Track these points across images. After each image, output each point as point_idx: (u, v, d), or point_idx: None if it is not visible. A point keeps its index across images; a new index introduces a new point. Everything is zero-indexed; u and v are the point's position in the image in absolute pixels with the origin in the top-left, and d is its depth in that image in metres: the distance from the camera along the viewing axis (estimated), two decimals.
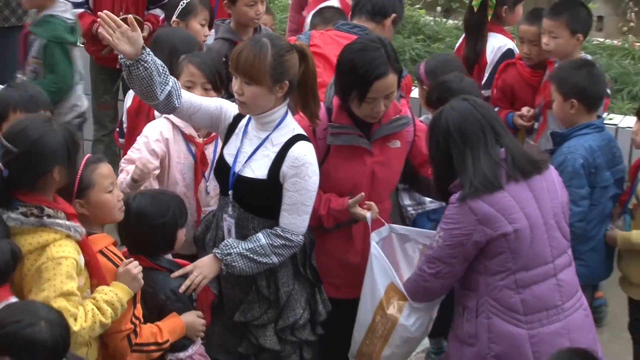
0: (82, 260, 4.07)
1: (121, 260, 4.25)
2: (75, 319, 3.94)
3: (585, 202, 5.54)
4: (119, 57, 4.51)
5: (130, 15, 4.87)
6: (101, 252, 4.19)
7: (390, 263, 4.60)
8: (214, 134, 4.96)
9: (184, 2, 6.46)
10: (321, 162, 4.67)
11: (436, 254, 4.32)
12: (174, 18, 6.61)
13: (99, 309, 4.00)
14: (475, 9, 6.87)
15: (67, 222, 4.03)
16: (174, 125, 4.88)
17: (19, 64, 8.03)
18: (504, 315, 4.28)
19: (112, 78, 7.91)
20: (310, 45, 5.52)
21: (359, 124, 4.58)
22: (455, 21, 9.97)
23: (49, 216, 4.01)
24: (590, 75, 5.67)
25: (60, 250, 3.98)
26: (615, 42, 9.67)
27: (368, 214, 4.60)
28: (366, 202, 4.56)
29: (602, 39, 9.81)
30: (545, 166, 4.44)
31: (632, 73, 8.68)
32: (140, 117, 5.86)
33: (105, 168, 4.24)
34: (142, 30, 5.14)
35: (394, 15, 6.04)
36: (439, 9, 10.69)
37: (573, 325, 4.39)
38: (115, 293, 4.09)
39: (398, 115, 4.67)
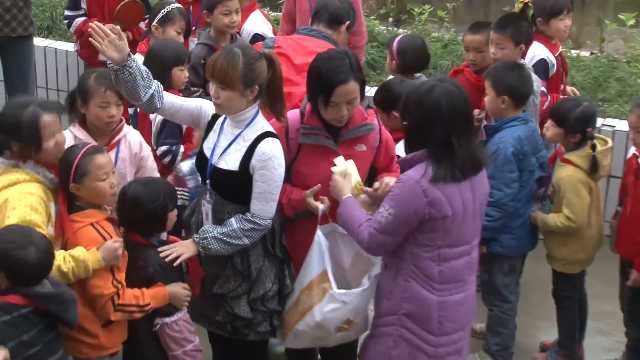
0: (52, 208, 4.53)
1: (110, 235, 4.59)
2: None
3: (515, 184, 6.01)
4: (107, 62, 4.83)
5: (117, 26, 5.26)
6: (92, 225, 4.57)
7: (330, 255, 4.93)
8: (114, 141, 5.33)
9: (165, 10, 6.85)
10: (293, 160, 5.13)
11: (385, 228, 4.56)
12: (154, 23, 7.02)
13: (63, 258, 4.36)
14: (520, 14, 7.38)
15: (39, 167, 4.58)
16: (76, 137, 5.23)
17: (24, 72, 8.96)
18: (421, 281, 4.63)
19: None
20: (275, 47, 5.92)
21: (328, 127, 4.93)
22: (405, 30, 10.45)
23: (24, 162, 4.56)
24: (521, 76, 6.18)
25: (27, 187, 4.47)
26: None
27: (320, 206, 4.92)
28: (320, 196, 4.90)
29: None
30: (487, 164, 4.82)
31: None
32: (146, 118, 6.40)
33: (101, 158, 4.65)
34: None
35: (347, 22, 6.47)
36: (390, 19, 11.15)
37: (470, 295, 4.86)
38: (84, 254, 4.44)
39: (364, 122, 5.00)
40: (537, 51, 7.09)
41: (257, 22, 7.59)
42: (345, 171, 4.81)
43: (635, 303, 6.18)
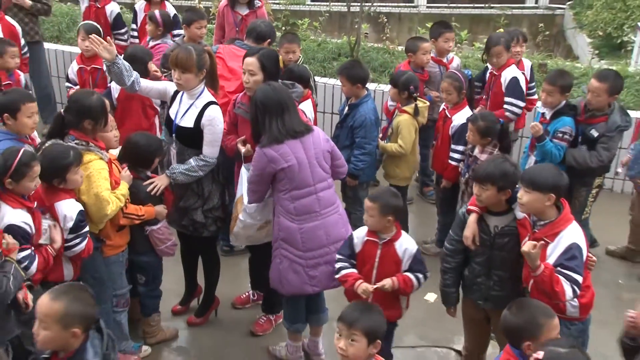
0: (108, 172, 5.40)
1: (119, 168, 5.62)
2: (109, 204, 5.23)
3: (377, 139, 7.36)
4: (103, 60, 6.04)
5: (108, 37, 6.23)
6: (112, 162, 5.55)
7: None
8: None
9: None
10: (235, 123, 6.24)
11: (251, 180, 5.57)
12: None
13: (118, 199, 5.32)
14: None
15: (102, 151, 5.41)
16: None
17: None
18: (285, 215, 5.50)
19: None
20: (216, 53, 6.85)
21: None
22: None
23: (90, 145, 5.33)
24: (362, 68, 7.42)
25: (101, 166, 5.33)
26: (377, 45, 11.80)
27: (242, 150, 5.92)
28: (247, 144, 5.90)
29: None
30: (312, 129, 5.59)
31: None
32: (133, 100, 7.20)
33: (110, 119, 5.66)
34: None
35: (269, 39, 7.61)
36: (283, 28, 12.34)
37: (328, 223, 5.63)
38: (122, 189, 5.42)
39: None
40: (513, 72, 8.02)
41: None
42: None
43: (444, 199, 7.69)
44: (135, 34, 9.65)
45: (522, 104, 8.05)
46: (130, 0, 11.55)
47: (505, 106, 7.96)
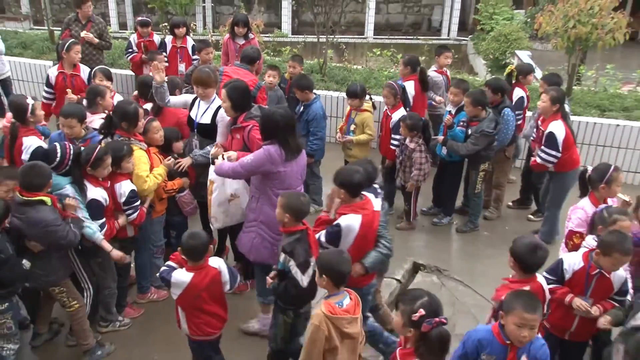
0: (147, 158, 5.41)
1: (158, 157, 5.54)
2: (146, 182, 5.25)
3: (323, 130, 7.32)
4: (152, 82, 6.00)
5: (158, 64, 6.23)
6: (150, 151, 5.52)
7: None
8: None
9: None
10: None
11: (245, 166, 4.96)
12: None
13: (155, 177, 5.32)
14: (505, 75, 7.95)
15: (141, 143, 5.43)
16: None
17: None
18: (269, 205, 5.00)
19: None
20: (224, 72, 6.96)
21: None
22: None
23: (132, 140, 5.34)
24: (307, 79, 7.28)
25: (141, 154, 5.36)
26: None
27: (212, 150, 5.54)
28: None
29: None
30: (302, 149, 5.18)
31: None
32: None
33: (155, 123, 5.62)
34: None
35: (257, 62, 7.69)
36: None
37: None
38: (159, 170, 5.41)
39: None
40: (520, 92, 7.72)
41: None
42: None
43: (386, 174, 7.44)
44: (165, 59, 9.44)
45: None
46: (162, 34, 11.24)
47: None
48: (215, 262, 4.37)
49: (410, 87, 7.84)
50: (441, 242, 7.31)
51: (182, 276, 4.25)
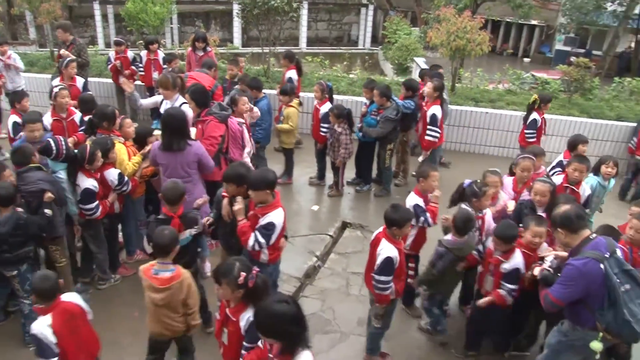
0: (125, 149, 5.12)
1: (132, 150, 5.17)
2: (127, 168, 5.01)
3: (268, 122, 6.91)
4: (126, 93, 5.85)
5: (126, 79, 6.20)
6: (126, 145, 5.18)
7: None
8: None
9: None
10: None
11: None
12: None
13: (133, 164, 5.04)
14: (530, 103, 7.37)
15: (119, 137, 5.14)
16: None
17: None
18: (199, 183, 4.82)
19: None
20: (190, 76, 6.76)
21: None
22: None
23: (112, 136, 5.04)
24: (256, 81, 6.92)
25: (120, 146, 5.08)
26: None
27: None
28: None
29: None
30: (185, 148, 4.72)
31: None
32: None
33: (127, 120, 5.29)
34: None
35: (214, 67, 7.49)
36: None
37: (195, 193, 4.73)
38: (136, 159, 5.11)
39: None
40: (536, 115, 7.17)
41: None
42: None
43: (318, 155, 7.40)
44: (142, 69, 9.13)
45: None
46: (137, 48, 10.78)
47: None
48: (68, 297, 3.44)
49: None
50: (363, 204, 7.23)
51: (41, 327, 3.22)
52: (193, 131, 5.33)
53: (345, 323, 4.89)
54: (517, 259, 4.05)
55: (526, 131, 7.24)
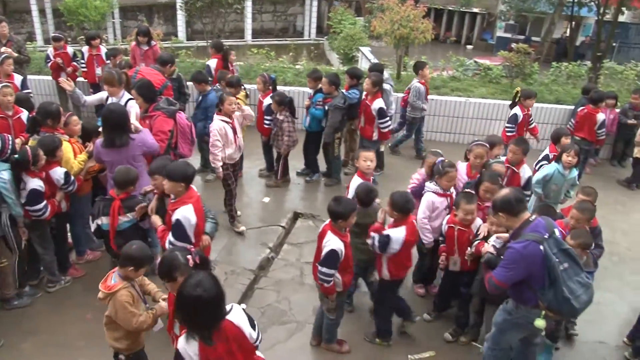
0: (71, 147, 5.01)
1: (79, 147, 5.08)
2: (72, 167, 4.91)
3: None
4: (67, 92, 5.74)
5: (63, 79, 6.01)
6: (72, 142, 5.07)
7: None
8: None
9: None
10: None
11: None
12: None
13: (79, 162, 4.96)
14: (512, 100, 7.35)
15: (63, 136, 5.00)
16: None
17: None
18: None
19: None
20: (139, 72, 6.42)
21: None
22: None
23: (57, 134, 4.91)
24: (202, 75, 6.84)
25: (66, 145, 4.94)
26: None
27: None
28: None
29: None
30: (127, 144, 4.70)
31: None
32: None
33: (74, 117, 5.19)
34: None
35: (169, 64, 7.28)
36: None
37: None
38: (82, 157, 5.02)
39: None
40: (517, 110, 7.12)
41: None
42: None
43: (264, 147, 7.28)
44: (84, 65, 8.88)
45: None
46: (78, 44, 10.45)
47: None
48: None
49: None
50: (313, 194, 7.24)
51: None
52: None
53: (301, 312, 4.93)
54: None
55: (506, 125, 7.19)
